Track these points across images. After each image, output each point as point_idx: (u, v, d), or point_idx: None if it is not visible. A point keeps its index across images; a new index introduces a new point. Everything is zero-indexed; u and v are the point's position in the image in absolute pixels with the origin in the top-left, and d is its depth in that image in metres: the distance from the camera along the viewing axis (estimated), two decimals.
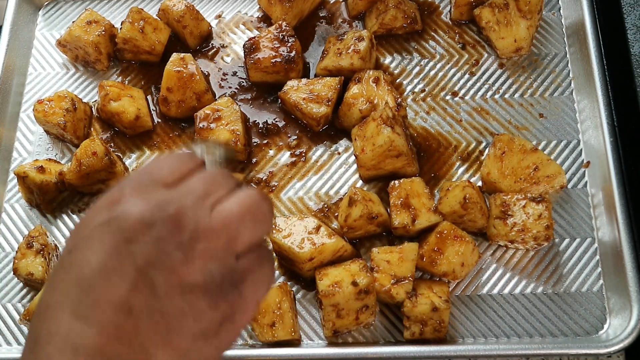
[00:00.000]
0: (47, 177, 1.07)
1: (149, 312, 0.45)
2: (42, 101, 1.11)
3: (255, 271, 0.50)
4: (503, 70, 1.13)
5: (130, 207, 0.48)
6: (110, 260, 0.46)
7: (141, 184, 0.50)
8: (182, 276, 0.46)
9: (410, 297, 0.93)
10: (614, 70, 1.05)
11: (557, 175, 0.99)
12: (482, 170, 1.02)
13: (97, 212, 0.49)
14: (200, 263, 0.47)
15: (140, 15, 1.16)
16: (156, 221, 0.47)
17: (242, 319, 0.50)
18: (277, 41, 1.12)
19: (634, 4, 1.06)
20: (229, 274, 0.48)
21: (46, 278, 0.99)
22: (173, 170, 0.52)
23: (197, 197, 0.49)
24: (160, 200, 0.48)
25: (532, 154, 0.99)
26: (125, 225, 0.47)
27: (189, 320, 0.46)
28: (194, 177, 0.52)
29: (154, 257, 0.46)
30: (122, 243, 0.46)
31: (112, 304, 0.45)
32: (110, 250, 0.46)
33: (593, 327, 0.94)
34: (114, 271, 0.45)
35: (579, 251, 0.99)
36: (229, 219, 0.49)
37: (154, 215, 0.47)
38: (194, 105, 1.12)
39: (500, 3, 1.09)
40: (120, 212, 0.48)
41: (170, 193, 0.50)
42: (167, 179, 0.51)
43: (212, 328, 0.47)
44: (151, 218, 0.47)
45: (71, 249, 0.48)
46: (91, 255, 0.46)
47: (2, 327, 1.02)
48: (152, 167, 0.53)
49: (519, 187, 0.99)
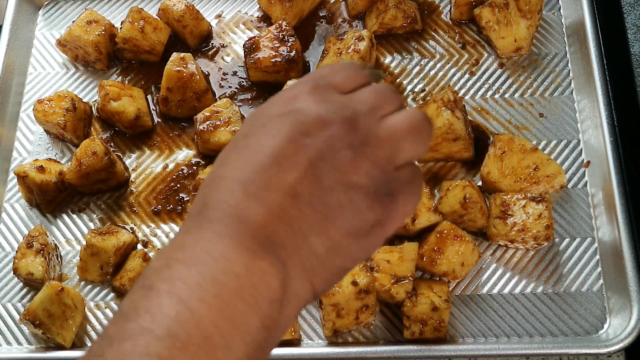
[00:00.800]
0: (47, 176, 1.07)
1: (313, 201, 0.48)
2: (42, 101, 1.11)
3: (409, 185, 0.53)
4: (503, 70, 1.13)
5: (310, 105, 0.51)
6: (285, 148, 0.49)
7: (319, 86, 0.53)
8: (348, 174, 0.49)
9: (410, 296, 0.93)
10: (614, 70, 1.05)
11: (557, 175, 0.99)
12: (482, 170, 1.02)
13: (275, 104, 0.53)
14: (366, 166, 0.50)
15: (140, 15, 1.16)
16: (333, 121, 0.50)
17: (392, 226, 0.52)
18: (277, 41, 1.12)
19: (634, 3, 1.06)
20: (388, 182, 0.51)
21: (46, 277, 1.00)
22: (348, 79, 0.55)
23: (369, 107, 0.52)
24: (337, 103, 0.52)
25: (532, 154, 0.99)
26: (304, 119, 0.50)
27: (347, 216, 0.49)
28: (367, 89, 0.55)
29: (325, 152, 0.49)
30: (298, 134, 0.49)
31: (281, 187, 0.48)
32: (287, 139, 0.49)
33: (593, 326, 0.94)
34: (287, 158, 0.48)
35: (579, 251, 0.99)
36: (395, 133, 0.52)
37: (331, 115, 0.50)
38: (194, 105, 1.12)
39: (501, 3, 1.09)
40: (299, 107, 0.51)
41: (346, 99, 0.53)
42: (343, 86, 0.54)
43: (364, 228, 0.50)
44: (328, 117, 0.50)
45: (247, 134, 0.52)
46: (267, 141, 0.49)
47: (2, 326, 1.02)
48: (327, 72, 0.56)
49: (519, 187, 0.99)
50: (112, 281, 1.02)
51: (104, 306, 1.02)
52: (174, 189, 1.10)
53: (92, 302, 1.02)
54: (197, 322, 0.43)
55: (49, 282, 0.98)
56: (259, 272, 0.46)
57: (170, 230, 1.06)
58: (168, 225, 1.07)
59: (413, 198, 0.53)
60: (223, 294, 0.45)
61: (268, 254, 0.47)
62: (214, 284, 0.45)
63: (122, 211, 1.09)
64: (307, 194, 0.48)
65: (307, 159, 0.48)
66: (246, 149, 0.50)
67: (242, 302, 0.45)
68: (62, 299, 0.96)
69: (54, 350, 0.98)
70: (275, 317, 0.47)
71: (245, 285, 0.45)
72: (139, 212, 1.09)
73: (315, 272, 0.49)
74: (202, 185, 0.52)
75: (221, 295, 0.44)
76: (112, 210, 1.09)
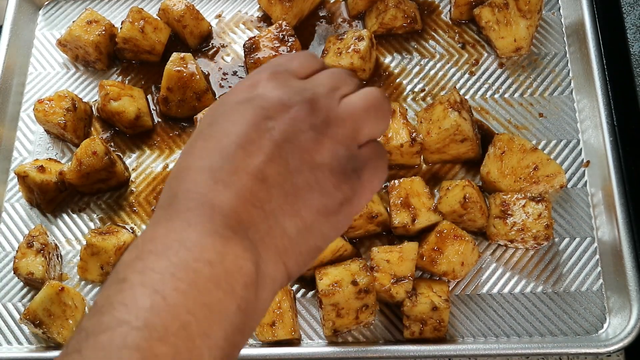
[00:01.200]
0: (48, 176, 1.07)
1: (281, 183, 0.49)
2: (42, 101, 1.12)
3: (373, 161, 0.54)
4: (503, 69, 1.13)
5: (270, 90, 0.52)
6: (249, 133, 0.50)
7: (277, 73, 0.54)
8: (313, 154, 0.50)
9: (410, 296, 0.93)
10: (613, 70, 1.05)
11: (557, 175, 0.99)
12: (481, 170, 1.02)
13: (236, 92, 0.54)
14: (329, 145, 0.51)
15: (141, 15, 1.17)
16: (294, 103, 0.51)
17: (360, 203, 0.54)
18: (277, 41, 1.12)
19: (633, 3, 1.06)
20: (352, 160, 0.52)
21: (46, 277, 1.00)
22: (303, 64, 0.57)
23: (328, 89, 0.54)
24: (296, 87, 0.53)
25: (531, 154, 0.99)
26: (265, 103, 0.51)
27: (316, 195, 0.50)
28: (323, 72, 0.56)
29: (290, 134, 0.50)
30: (261, 118, 0.50)
31: (249, 172, 0.49)
32: (250, 124, 0.50)
33: (593, 326, 0.94)
34: (252, 143, 0.49)
35: (579, 250, 0.99)
36: (356, 111, 0.53)
37: (292, 98, 0.52)
38: (194, 105, 1.12)
39: (500, 3, 1.09)
40: (260, 93, 0.52)
41: (304, 83, 0.54)
42: (299, 72, 0.56)
43: (333, 207, 0.51)
44: (289, 100, 0.52)
45: (211, 122, 0.52)
46: (232, 127, 0.51)
47: (2, 326, 1.02)
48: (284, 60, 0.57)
49: (518, 187, 0.99)
50: None
51: None
52: None
53: (92, 302, 1.03)
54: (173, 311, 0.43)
55: (49, 281, 0.98)
56: (232, 257, 0.46)
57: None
58: None
59: (378, 173, 0.55)
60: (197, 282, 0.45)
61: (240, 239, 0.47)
62: (188, 272, 0.45)
63: (122, 211, 1.09)
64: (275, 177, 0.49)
65: (271, 142, 0.49)
66: (211, 137, 0.51)
67: (217, 288, 0.45)
68: (63, 299, 0.96)
69: (54, 350, 0.98)
70: (251, 300, 0.47)
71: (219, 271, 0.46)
72: (139, 212, 1.09)
73: (289, 254, 0.50)
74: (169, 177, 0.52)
75: (196, 283, 0.44)
76: (113, 210, 1.09)
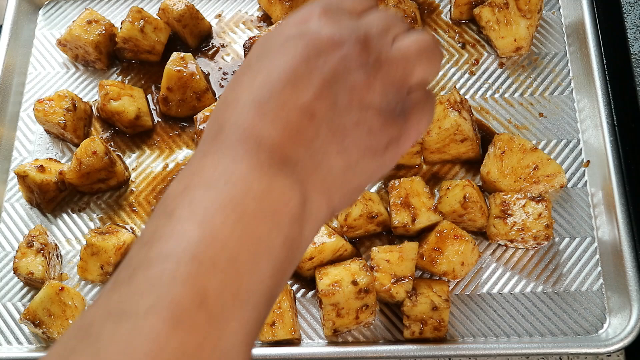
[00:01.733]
0: (47, 176, 1.07)
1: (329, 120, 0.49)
2: (42, 100, 1.12)
3: (421, 105, 0.54)
4: (503, 69, 1.13)
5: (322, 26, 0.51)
6: (299, 68, 0.49)
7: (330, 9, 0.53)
8: (362, 94, 0.50)
9: (410, 296, 0.93)
10: (613, 70, 1.05)
11: (557, 175, 0.99)
12: (481, 170, 1.02)
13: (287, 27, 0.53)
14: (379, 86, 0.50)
15: (140, 15, 1.17)
16: (346, 41, 0.50)
17: (405, 144, 0.53)
18: None
19: (633, 3, 1.06)
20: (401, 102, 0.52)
21: (46, 277, 1.00)
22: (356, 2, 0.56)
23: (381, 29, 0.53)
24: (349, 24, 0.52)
25: (532, 154, 0.99)
26: (317, 40, 0.50)
27: (363, 134, 0.50)
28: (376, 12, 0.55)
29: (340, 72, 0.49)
30: (312, 55, 0.49)
31: (297, 107, 0.48)
32: (301, 59, 0.49)
33: (593, 326, 0.94)
34: (301, 78, 0.49)
35: (579, 250, 0.99)
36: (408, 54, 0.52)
37: (344, 35, 0.50)
38: (194, 105, 1.12)
39: (500, 2, 1.09)
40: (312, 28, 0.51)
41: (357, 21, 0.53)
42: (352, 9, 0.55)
43: (379, 146, 0.51)
44: (341, 37, 0.50)
45: (260, 56, 0.52)
46: (281, 62, 0.50)
47: (2, 326, 1.02)
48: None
49: (518, 187, 0.99)
50: None
51: None
52: None
53: (92, 302, 1.02)
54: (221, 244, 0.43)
55: (49, 281, 0.98)
56: (278, 192, 0.46)
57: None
58: None
59: (426, 117, 0.54)
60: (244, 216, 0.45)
61: (286, 174, 0.47)
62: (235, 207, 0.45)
63: (122, 211, 1.09)
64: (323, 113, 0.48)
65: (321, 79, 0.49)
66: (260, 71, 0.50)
67: (264, 222, 0.45)
68: (62, 299, 0.96)
69: None
70: (296, 236, 0.47)
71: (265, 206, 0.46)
72: (139, 212, 1.09)
73: (333, 191, 0.50)
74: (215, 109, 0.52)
75: (243, 217, 0.45)
76: (112, 210, 1.09)
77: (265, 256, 0.45)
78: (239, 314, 0.43)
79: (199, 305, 0.41)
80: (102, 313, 0.42)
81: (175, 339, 0.40)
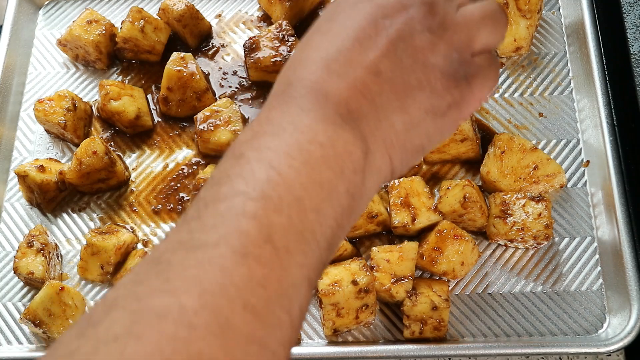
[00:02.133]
0: (48, 176, 1.07)
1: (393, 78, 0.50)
2: (42, 100, 1.12)
3: (484, 70, 0.54)
4: (503, 69, 1.13)
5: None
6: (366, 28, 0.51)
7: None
8: (426, 55, 0.51)
9: (410, 296, 0.94)
10: (613, 70, 1.05)
11: (557, 175, 0.99)
12: (481, 170, 1.02)
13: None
14: (444, 48, 0.52)
15: (141, 15, 1.17)
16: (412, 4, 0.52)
17: (467, 108, 0.54)
18: (277, 40, 1.12)
19: (633, 3, 1.06)
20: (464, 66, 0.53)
21: (46, 277, 1.00)
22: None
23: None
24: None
25: (531, 153, 0.99)
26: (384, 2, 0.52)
27: (425, 94, 0.51)
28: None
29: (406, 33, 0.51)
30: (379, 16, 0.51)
31: (363, 65, 0.50)
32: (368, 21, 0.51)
33: (592, 326, 0.94)
34: (368, 38, 0.51)
35: (579, 250, 0.99)
36: (473, 19, 0.54)
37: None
38: (194, 105, 1.12)
39: (500, 2, 1.09)
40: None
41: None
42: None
43: (441, 108, 0.52)
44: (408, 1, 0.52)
45: (330, 18, 0.54)
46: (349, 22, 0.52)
47: (2, 326, 1.02)
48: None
49: (518, 186, 0.99)
50: (112, 280, 1.02)
51: None
52: (174, 189, 1.10)
53: (92, 302, 1.03)
54: (287, 185, 0.45)
55: (49, 281, 0.98)
56: (342, 143, 0.48)
57: (171, 229, 1.07)
58: (168, 225, 1.07)
59: (489, 82, 0.55)
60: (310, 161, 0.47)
61: (351, 127, 0.49)
62: (301, 152, 0.47)
63: (122, 210, 1.09)
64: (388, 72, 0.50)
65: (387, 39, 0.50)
66: (329, 31, 0.53)
67: (329, 169, 0.47)
68: (63, 299, 0.96)
69: None
70: (358, 186, 0.49)
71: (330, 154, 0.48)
72: (139, 212, 1.09)
73: (395, 148, 0.52)
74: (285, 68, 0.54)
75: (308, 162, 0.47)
76: (113, 210, 1.09)
77: (329, 201, 0.47)
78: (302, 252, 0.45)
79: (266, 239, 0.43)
80: (173, 244, 0.44)
81: (243, 269, 0.42)
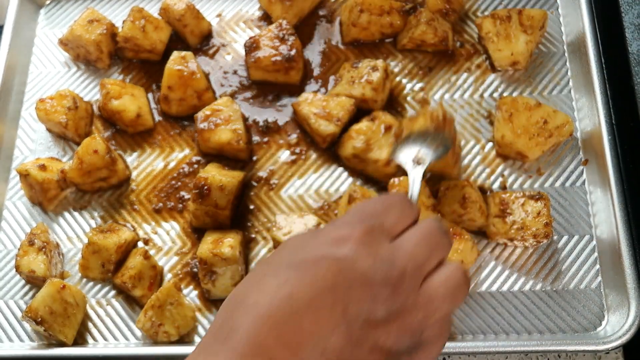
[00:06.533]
0: (49, 175, 1.08)
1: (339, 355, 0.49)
2: (43, 99, 1.12)
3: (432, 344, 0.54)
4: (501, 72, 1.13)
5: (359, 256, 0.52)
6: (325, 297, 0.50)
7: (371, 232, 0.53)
8: (377, 337, 0.51)
9: None
10: (612, 69, 1.06)
11: (566, 123, 1.01)
12: (495, 135, 1.03)
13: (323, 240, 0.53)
14: (395, 332, 0.51)
15: (141, 14, 1.17)
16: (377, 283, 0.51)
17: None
18: (277, 40, 1.12)
19: (632, 2, 1.07)
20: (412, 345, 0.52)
21: (47, 275, 1.00)
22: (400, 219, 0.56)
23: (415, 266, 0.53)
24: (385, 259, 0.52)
25: (537, 109, 1.01)
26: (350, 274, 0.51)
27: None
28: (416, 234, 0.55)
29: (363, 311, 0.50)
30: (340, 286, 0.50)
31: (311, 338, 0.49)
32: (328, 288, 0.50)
33: (591, 323, 0.94)
34: (324, 308, 0.50)
35: (578, 248, 0.99)
36: (436, 297, 0.53)
37: (377, 275, 0.51)
38: (195, 104, 1.13)
39: (503, 15, 1.09)
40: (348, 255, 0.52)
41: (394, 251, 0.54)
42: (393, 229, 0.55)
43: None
44: (374, 278, 0.51)
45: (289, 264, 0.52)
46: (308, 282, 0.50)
47: (4, 323, 1.03)
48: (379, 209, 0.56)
49: (534, 143, 1.00)
50: (113, 278, 1.02)
51: (105, 303, 1.03)
52: (175, 187, 1.10)
53: (93, 300, 1.03)
54: None
55: (50, 279, 0.98)
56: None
57: (171, 228, 1.07)
58: (169, 223, 1.08)
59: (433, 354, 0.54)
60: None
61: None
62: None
63: (123, 209, 1.09)
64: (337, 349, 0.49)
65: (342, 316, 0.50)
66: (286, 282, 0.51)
67: None
68: (64, 297, 0.97)
69: (56, 347, 0.99)
70: None
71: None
72: (140, 210, 1.09)
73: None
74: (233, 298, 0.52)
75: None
76: (113, 208, 1.10)
77: None
78: None
79: None
80: None
81: None
